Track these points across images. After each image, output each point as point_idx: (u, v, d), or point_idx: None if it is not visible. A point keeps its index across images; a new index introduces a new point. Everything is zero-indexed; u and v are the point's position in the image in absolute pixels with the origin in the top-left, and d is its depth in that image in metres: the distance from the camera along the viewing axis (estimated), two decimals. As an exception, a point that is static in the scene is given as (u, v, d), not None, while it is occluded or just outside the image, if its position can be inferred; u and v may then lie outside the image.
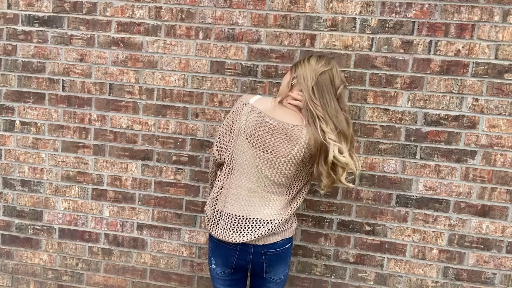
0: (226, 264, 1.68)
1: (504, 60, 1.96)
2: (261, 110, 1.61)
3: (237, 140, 1.63)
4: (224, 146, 1.67)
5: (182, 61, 2.18)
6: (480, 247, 2.08)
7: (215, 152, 1.71)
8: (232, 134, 1.65)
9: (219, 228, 1.65)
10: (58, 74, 2.29)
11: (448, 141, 2.04)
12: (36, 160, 2.37)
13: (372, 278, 2.17)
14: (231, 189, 1.65)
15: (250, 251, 1.64)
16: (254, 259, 1.65)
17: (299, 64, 1.65)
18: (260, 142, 1.59)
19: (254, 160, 1.60)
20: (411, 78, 2.03)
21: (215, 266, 1.71)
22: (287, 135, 1.59)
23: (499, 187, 2.03)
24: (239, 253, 1.65)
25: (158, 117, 2.24)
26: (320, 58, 1.64)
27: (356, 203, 2.14)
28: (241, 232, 1.61)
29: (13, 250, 2.46)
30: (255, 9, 2.09)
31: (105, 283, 2.40)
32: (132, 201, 2.32)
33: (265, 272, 1.68)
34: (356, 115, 2.08)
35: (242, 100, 1.66)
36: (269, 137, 1.59)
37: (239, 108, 1.64)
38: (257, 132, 1.59)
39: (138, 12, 2.19)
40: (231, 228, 1.62)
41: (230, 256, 1.66)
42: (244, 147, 1.61)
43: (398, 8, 2.00)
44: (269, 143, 1.59)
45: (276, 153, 1.59)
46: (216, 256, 1.70)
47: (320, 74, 1.58)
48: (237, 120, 1.63)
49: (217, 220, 1.67)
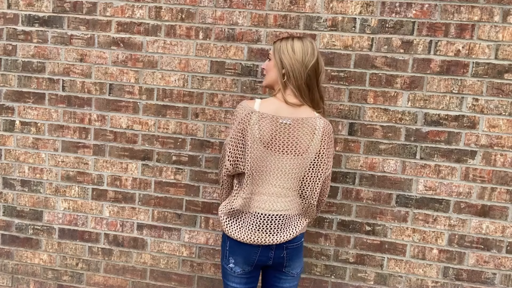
0: (247, 263, 1.67)
1: (504, 60, 1.96)
2: (272, 114, 1.60)
3: (252, 149, 1.58)
4: (238, 158, 1.62)
5: (182, 61, 2.18)
6: (480, 247, 2.08)
7: (228, 166, 1.65)
8: (244, 145, 1.60)
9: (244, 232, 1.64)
10: (58, 74, 2.29)
11: (448, 141, 2.04)
12: (36, 160, 2.37)
13: (372, 278, 2.17)
14: (256, 195, 1.65)
15: (273, 247, 1.66)
16: (275, 254, 1.67)
17: (284, 54, 1.62)
18: (279, 146, 1.60)
19: (277, 165, 1.62)
20: (411, 78, 2.03)
21: (233, 265, 1.68)
22: (303, 129, 1.62)
23: (499, 187, 2.03)
24: (262, 251, 1.66)
25: (158, 117, 2.24)
26: (303, 44, 1.63)
27: (356, 203, 2.14)
28: (273, 233, 1.64)
29: (13, 250, 2.46)
30: (255, 9, 2.09)
31: (105, 283, 2.40)
32: (132, 201, 2.32)
33: (285, 266, 1.71)
34: (356, 115, 2.08)
35: (245, 108, 1.61)
36: (287, 138, 1.60)
37: (246, 118, 1.59)
38: (274, 137, 1.60)
39: (138, 12, 2.19)
40: (261, 230, 1.63)
41: (252, 254, 1.66)
42: (263, 155, 1.60)
43: (398, 8, 2.00)
44: (288, 144, 1.61)
45: (297, 151, 1.62)
46: (236, 255, 1.67)
47: (309, 69, 1.62)
48: (249, 130, 1.58)
49: (239, 224, 1.66)
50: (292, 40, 1.64)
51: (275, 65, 1.66)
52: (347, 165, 2.12)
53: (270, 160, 1.61)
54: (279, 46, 1.65)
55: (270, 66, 1.69)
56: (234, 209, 1.65)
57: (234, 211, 1.66)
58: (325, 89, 2.09)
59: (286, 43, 1.64)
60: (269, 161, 1.61)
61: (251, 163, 1.59)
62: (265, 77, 1.73)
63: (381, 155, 2.09)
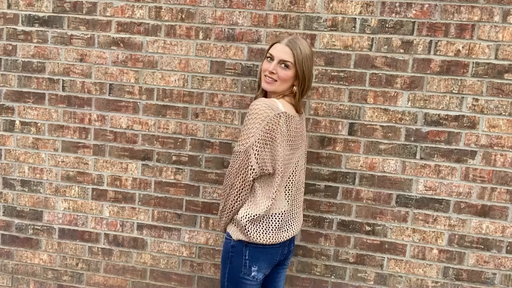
0: (270, 265, 1.67)
1: (504, 60, 1.96)
2: (293, 114, 1.65)
3: (283, 149, 1.57)
4: (266, 159, 1.55)
5: (182, 61, 2.18)
6: (480, 247, 2.08)
7: (257, 168, 1.55)
8: (272, 146, 1.55)
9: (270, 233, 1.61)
10: (58, 74, 2.29)
11: (448, 141, 2.04)
12: (36, 160, 2.37)
13: (372, 278, 2.17)
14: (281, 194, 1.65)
15: (287, 242, 1.70)
16: (288, 248, 1.72)
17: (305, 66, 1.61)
18: (297, 144, 1.68)
19: (296, 162, 1.69)
20: (411, 78, 2.03)
21: (256, 272, 1.61)
22: (302, 125, 1.74)
23: (499, 187, 2.03)
24: (281, 249, 1.68)
25: (158, 117, 2.24)
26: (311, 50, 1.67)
27: (356, 203, 2.14)
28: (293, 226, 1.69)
29: (13, 250, 2.46)
30: (255, 9, 2.09)
31: (105, 283, 2.40)
32: (132, 201, 2.32)
33: (287, 258, 1.77)
34: (356, 115, 2.08)
35: (273, 109, 1.54)
36: (299, 135, 1.70)
37: (275, 119, 1.53)
38: (296, 136, 1.65)
39: (138, 12, 2.19)
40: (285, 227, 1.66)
41: (275, 255, 1.66)
42: (288, 154, 1.62)
43: (398, 8, 2.00)
44: (300, 141, 1.71)
45: (303, 145, 1.74)
46: (260, 261, 1.61)
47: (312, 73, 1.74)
48: (279, 130, 1.54)
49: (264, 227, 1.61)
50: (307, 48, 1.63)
51: (295, 76, 1.62)
52: (347, 165, 2.12)
53: (292, 158, 1.66)
54: (301, 57, 1.59)
55: (289, 77, 1.61)
56: (261, 213, 1.57)
57: (259, 215, 1.58)
58: (325, 89, 2.09)
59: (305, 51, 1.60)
60: (291, 159, 1.66)
61: (283, 163, 1.57)
62: (275, 84, 1.62)
63: (381, 155, 2.09)
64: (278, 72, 1.60)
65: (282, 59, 1.59)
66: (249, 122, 1.53)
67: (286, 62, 1.59)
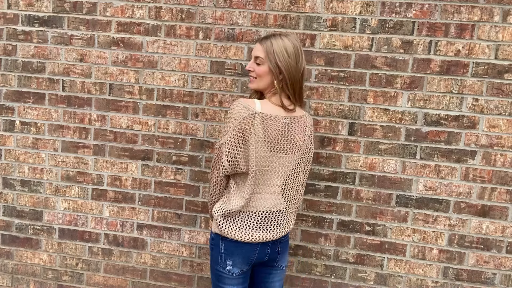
0: (246, 262, 1.67)
1: (504, 60, 1.96)
2: (275, 114, 1.60)
3: (257, 150, 1.57)
4: (238, 158, 1.59)
5: (182, 61, 2.18)
6: (480, 247, 2.08)
7: (227, 166, 1.60)
8: (245, 145, 1.57)
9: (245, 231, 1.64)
10: (58, 74, 2.29)
11: (448, 141, 2.04)
12: (36, 160, 2.37)
13: (372, 278, 2.17)
14: (258, 194, 1.65)
15: (269, 243, 1.68)
16: (271, 250, 1.70)
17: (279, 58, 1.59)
18: (282, 146, 1.62)
19: (280, 164, 1.64)
20: (411, 78, 2.03)
21: (231, 267, 1.65)
22: (298, 128, 1.67)
23: (499, 187, 2.03)
24: (260, 248, 1.67)
25: (158, 117, 2.24)
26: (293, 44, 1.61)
27: (356, 203, 2.14)
28: (273, 230, 1.67)
29: (13, 250, 2.46)
30: (255, 9, 2.09)
31: (105, 283, 2.40)
32: (132, 201, 2.32)
33: (277, 260, 1.74)
34: (356, 115, 2.08)
35: (247, 109, 1.57)
36: (287, 138, 1.63)
37: (248, 119, 1.55)
38: (278, 137, 1.60)
39: (138, 12, 2.19)
40: (263, 227, 1.65)
41: (251, 253, 1.66)
42: (266, 155, 1.60)
43: (398, 8, 2.00)
44: (288, 143, 1.63)
45: (295, 149, 1.66)
46: (235, 256, 1.65)
47: (301, 73, 1.64)
48: (252, 130, 1.55)
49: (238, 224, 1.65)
50: (282, 41, 1.60)
51: (269, 71, 1.62)
52: (347, 165, 2.12)
53: (273, 160, 1.62)
54: (272, 50, 1.60)
55: (264, 72, 1.63)
56: (233, 209, 1.62)
57: (232, 211, 1.63)
58: (325, 89, 2.09)
59: (277, 45, 1.60)
60: (272, 161, 1.62)
61: (255, 163, 1.58)
62: (255, 81, 1.67)
63: (381, 155, 2.09)
64: (255, 69, 1.65)
65: (255, 56, 1.65)
66: (226, 120, 1.61)
67: (258, 58, 1.63)
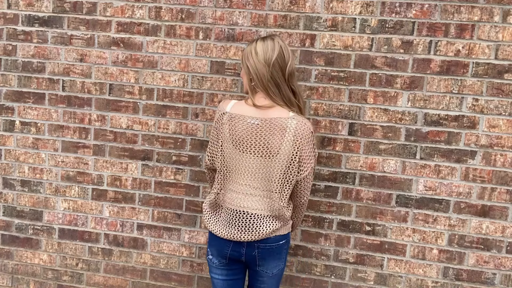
0: (220, 255, 1.73)
1: (504, 60, 1.96)
2: (241, 114, 1.62)
3: (225, 148, 1.66)
4: (214, 154, 1.72)
5: (182, 61, 2.18)
6: (480, 247, 2.08)
7: (207, 160, 1.78)
8: (218, 143, 1.68)
9: (218, 225, 1.72)
10: (58, 74, 2.29)
11: (448, 141, 2.04)
12: (36, 160, 2.37)
13: (372, 278, 2.17)
14: (227, 192, 1.70)
15: (244, 244, 1.68)
16: (247, 251, 1.69)
17: (248, 60, 1.63)
18: (248, 146, 1.61)
19: (245, 164, 1.63)
20: (411, 78, 2.03)
21: (211, 256, 1.77)
22: (272, 130, 1.59)
23: (499, 187, 2.03)
24: (233, 246, 1.69)
25: (158, 117, 2.24)
26: (264, 42, 1.63)
27: (356, 203, 2.14)
28: (242, 231, 1.65)
29: (13, 250, 2.46)
30: (255, 9, 2.09)
31: (105, 283, 2.40)
32: (132, 201, 2.32)
33: (258, 265, 1.72)
34: (356, 115, 2.08)
35: (220, 109, 1.69)
36: (256, 139, 1.60)
37: (220, 118, 1.67)
38: (243, 137, 1.61)
39: (138, 12, 2.19)
40: (231, 225, 1.67)
41: (224, 248, 1.71)
42: (233, 154, 1.64)
43: (398, 8, 2.00)
44: (257, 145, 1.60)
45: (267, 152, 1.60)
46: (212, 247, 1.76)
47: (272, 66, 1.59)
48: (221, 129, 1.66)
49: (216, 218, 1.74)
50: (255, 43, 1.65)
51: (245, 71, 1.69)
52: (347, 165, 2.12)
53: (239, 159, 1.64)
54: (245, 52, 1.68)
55: (242, 73, 1.74)
56: (210, 202, 1.75)
57: (211, 204, 1.75)
58: (325, 89, 2.09)
59: (250, 47, 1.66)
60: (237, 160, 1.64)
61: (222, 160, 1.68)
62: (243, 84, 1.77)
63: (381, 155, 2.09)
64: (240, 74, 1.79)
65: None
66: None
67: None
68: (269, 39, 1.64)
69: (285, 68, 1.62)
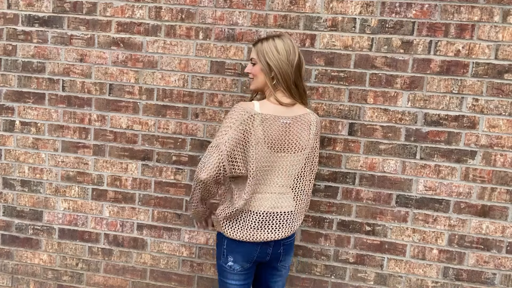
0: (246, 260, 1.70)
1: (504, 60, 1.96)
2: (273, 114, 1.63)
3: (257, 150, 1.59)
4: (238, 159, 1.59)
5: (182, 61, 2.18)
6: (480, 247, 2.08)
7: (227, 166, 1.58)
8: (246, 146, 1.58)
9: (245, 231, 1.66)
10: (58, 74, 2.29)
11: (448, 141, 2.04)
12: (36, 160, 2.37)
13: (372, 278, 2.17)
14: (257, 195, 1.67)
15: (271, 244, 1.70)
16: (273, 250, 1.72)
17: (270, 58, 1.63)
18: (282, 145, 1.64)
19: (281, 164, 1.66)
20: (411, 78, 2.03)
21: (232, 262, 1.70)
22: (301, 126, 1.68)
23: (499, 187, 2.03)
24: (261, 248, 1.69)
25: (158, 117, 2.24)
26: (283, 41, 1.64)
27: (356, 203, 2.14)
28: (276, 230, 1.68)
29: (13, 250, 2.46)
30: (255, 9, 2.09)
31: (105, 283, 2.40)
32: (132, 201, 2.32)
33: (280, 261, 1.76)
34: (356, 115, 2.08)
35: (246, 110, 1.59)
36: (289, 137, 1.65)
37: (249, 120, 1.58)
38: (278, 137, 1.63)
39: (138, 12, 2.19)
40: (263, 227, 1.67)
41: (252, 251, 1.68)
42: (267, 155, 1.62)
43: (398, 8, 2.00)
44: (290, 142, 1.65)
45: (298, 148, 1.68)
46: (236, 254, 1.69)
47: (295, 66, 1.64)
48: (252, 132, 1.58)
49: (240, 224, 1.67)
50: (273, 40, 1.65)
51: (262, 69, 1.67)
52: (347, 165, 2.12)
53: (274, 160, 1.64)
54: (262, 49, 1.65)
55: (257, 70, 1.69)
56: (234, 211, 1.64)
57: (234, 213, 1.65)
58: (325, 89, 2.09)
59: (267, 44, 1.65)
60: (272, 161, 1.64)
61: (255, 164, 1.60)
62: (253, 82, 1.73)
63: (381, 155, 2.09)
64: (251, 70, 1.73)
65: (251, 58, 1.73)
66: (225, 121, 1.61)
67: (253, 59, 1.71)
68: (287, 39, 1.66)
69: (302, 68, 1.70)
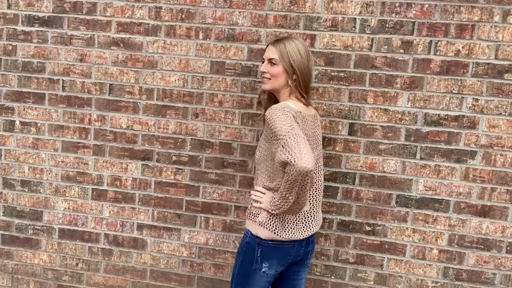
0: (281, 263, 1.69)
1: (504, 60, 1.96)
2: (305, 113, 1.69)
3: None
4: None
5: (182, 61, 2.18)
6: (480, 247, 2.08)
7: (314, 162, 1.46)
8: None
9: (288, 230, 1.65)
10: (58, 74, 2.29)
11: (448, 141, 2.04)
12: (36, 160, 2.37)
13: (372, 278, 2.17)
14: None
15: (303, 242, 1.71)
16: (305, 248, 1.73)
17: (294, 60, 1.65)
18: (313, 141, 1.71)
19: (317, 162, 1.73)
20: (411, 78, 2.03)
21: (267, 268, 1.66)
22: (317, 123, 1.77)
23: (499, 187, 2.03)
24: (297, 248, 1.69)
25: (158, 117, 2.24)
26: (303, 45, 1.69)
27: (356, 203, 2.14)
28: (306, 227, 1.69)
29: (13, 250, 2.46)
30: (255, 9, 2.09)
31: (105, 283, 2.40)
32: (132, 201, 2.32)
33: (308, 258, 1.78)
34: (356, 115, 2.08)
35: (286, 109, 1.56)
36: (312, 134, 1.71)
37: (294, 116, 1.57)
38: (310, 133, 1.69)
39: (138, 12, 2.19)
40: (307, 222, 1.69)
41: (288, 253, 1.68)
42: None
43: (398, 8, 2.00)
44: (314, 139, 1.72)
45: (319, 144, 1.77)
46: (271, 258, 1.66)
47: (311, 71, 1.73)
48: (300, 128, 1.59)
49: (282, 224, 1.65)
50: (294, 43, 1.68)
51: (284, 71, 1.67)
52: (347, 165, 2.12)
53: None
54: (286, 51, 1.66)
55: (279, 72, 1.67)
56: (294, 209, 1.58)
57: None
58: (325, 89, 2.09)
59: (290, 46, 1.66)
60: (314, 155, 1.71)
61: None
62: (269, 82, 1.70)
63: (381, 155, 2.09)
64: (269, 71, 1.70)
65: (269, 58, 1.70)
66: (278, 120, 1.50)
67: (272, 59, 1.69)
68: (303, 41, 1.72)
69: (312, 71, 1.76)
